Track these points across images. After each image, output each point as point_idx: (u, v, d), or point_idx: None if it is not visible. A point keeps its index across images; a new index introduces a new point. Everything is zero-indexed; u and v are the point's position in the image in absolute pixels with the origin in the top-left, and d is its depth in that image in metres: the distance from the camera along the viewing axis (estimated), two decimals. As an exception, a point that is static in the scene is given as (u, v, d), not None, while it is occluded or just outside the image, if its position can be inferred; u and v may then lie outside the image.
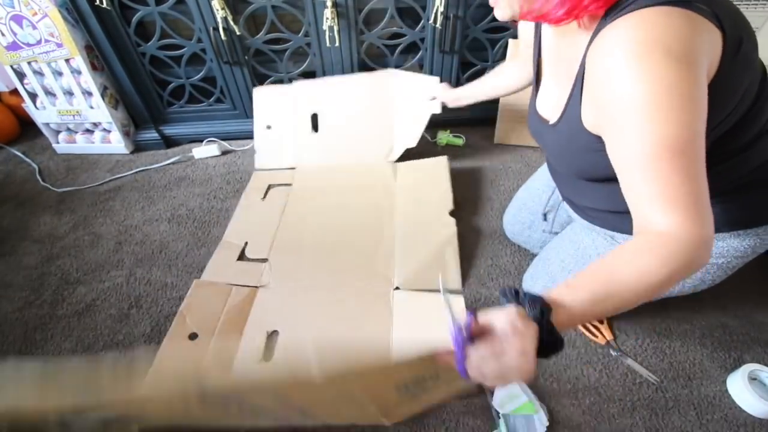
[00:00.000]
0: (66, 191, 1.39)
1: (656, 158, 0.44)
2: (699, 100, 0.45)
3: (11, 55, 1.35)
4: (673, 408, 0.81)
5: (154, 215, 1.28)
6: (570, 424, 0.79)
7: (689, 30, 0.44)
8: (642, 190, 0.46)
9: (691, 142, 0.44)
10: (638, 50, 0.44)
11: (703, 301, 0.99)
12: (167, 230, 1.23)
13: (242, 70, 1.42)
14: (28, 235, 1.23)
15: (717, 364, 0.87)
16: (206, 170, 1.46)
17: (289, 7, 1.28)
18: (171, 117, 1.56)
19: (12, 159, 1.56)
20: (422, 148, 1.52)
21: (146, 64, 1.40)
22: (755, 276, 1.05)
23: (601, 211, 0.74)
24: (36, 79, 1.40)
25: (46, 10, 1.24)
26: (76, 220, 1.27)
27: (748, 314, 0.97)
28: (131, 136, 1.56)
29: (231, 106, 1.53)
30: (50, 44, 1.31)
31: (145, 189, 1.39)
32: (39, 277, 1.10)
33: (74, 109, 1.46)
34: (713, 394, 0.83)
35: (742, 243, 0.67)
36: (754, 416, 0.79)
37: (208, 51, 1.36)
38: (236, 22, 1.28)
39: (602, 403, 0.82)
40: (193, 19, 1.28)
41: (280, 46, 1.37)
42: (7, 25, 1.28)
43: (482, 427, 0.79)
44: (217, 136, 1.56)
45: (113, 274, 1.10)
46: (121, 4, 1.26)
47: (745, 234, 0.66)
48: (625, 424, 0.79)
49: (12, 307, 1.03)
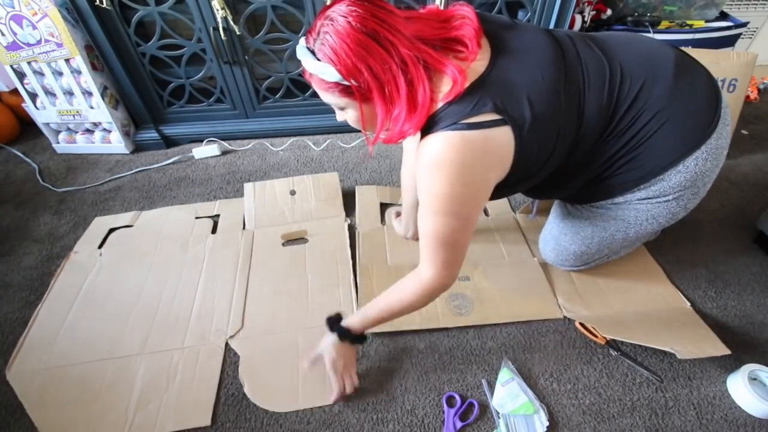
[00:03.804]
0: (66, 191, 1.39)
1: (427, 237, 0.69)
2: (467, 203, 0.66)
3: (11, 55, 1.35)
4: (673, 408, 0.81)
5: (154, 215, 1.28)
6: (570, 424, 0.79)
7: (464, 149, 0.61)
8: (422, 248, 0.71)
9: (450, 233, 0.67)
10: (427, 166, 0.63)
11: (702, 301, 0.99)
12: (167, 230, 1.22)
13: (242, 70, 1.42)
14: (28, 235, 1.23)
15: (717, 364, 0.87)
16: (206, 170, 1.46)
17: (289, 7, 1.28)
18: (171, 117, 1.56)
19: (12, 159, 1.56)
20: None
21: (146, 64, 1.40)
22: (755, 276, 1.05)
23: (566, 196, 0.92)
24: (36, 79, 1.40)
25: (46, 10, 1.24)
26: (76, 220, 1.27)
27: (748, 314, 0.97)
28: (131, 136, 1.56)
29: (231, 106, 1.54)
30: (50, 44, 1.31)
31: (145, 189, 1.39)
32: (39, 277, 1.10)
33: (74, 109, 1.46)
34: (713, 394, 0.83)
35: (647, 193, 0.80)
36: (754, 416, 0.79)
37: (208, 51, 1.36)
38: (236, 22, 1.28)
39: (602, 403, 0.82)
40: (193, 19, 1.28)
41: (280, 46, 1.37)
42: (7, 25, 1.28)
43: (482, 427, 0.79)
44: (217, 136, 1.56)
45: (113, 274, 1.10)
46: (121, 4, 1.26)
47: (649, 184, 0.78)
48: (625, 424, 0.79)
49: (12, 307, 1.03)
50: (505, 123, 0.61)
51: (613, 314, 0.95)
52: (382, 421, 0.80)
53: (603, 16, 1.54)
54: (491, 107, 0.60)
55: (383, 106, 0.61)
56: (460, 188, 0.64)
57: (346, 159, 1.48)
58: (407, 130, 0.62)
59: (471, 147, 0.61)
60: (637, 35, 0.79)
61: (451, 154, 0.61)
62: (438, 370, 0.87)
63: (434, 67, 0.60)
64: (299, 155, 1.51)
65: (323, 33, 0.58)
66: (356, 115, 0.66)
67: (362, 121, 0.67)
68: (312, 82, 0.64)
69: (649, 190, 0.78)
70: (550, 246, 1.02)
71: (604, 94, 0.69)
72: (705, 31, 1.46)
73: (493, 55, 0.63)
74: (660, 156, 0.74)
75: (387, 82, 0.59)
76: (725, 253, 1.11)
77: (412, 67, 0.58)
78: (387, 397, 0.84)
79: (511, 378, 0.83)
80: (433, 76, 0.61)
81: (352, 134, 1.59)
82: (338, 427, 0.79)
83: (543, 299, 0.99)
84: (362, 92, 0.61)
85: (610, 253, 0.97)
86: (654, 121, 0.71)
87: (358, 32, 0.56)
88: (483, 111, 0.60)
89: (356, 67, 0.57)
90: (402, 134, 0.63)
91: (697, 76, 0.74)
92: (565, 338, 0.92)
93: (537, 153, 0.68)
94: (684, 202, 0.80)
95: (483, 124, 0.60)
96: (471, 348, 0.91)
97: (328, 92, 0.63)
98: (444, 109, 0.62)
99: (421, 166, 0.64)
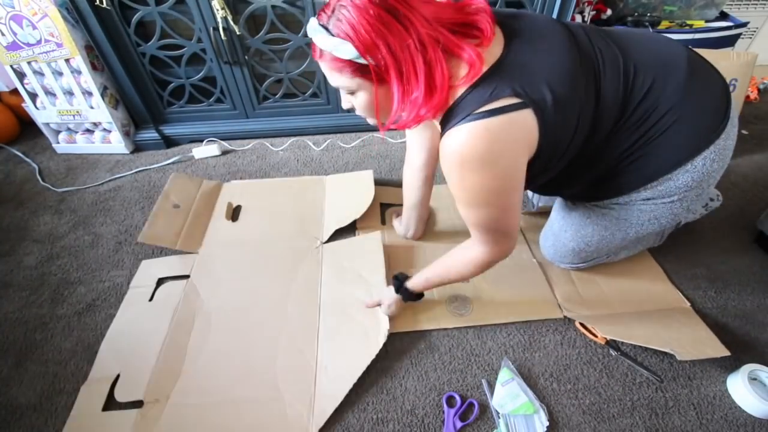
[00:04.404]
0: (66, 191, 1.39)
1: (471, 225, 0.72)
2: (501, 191, 0.65)
3: (11, 55, 1.35)
4: (673, 408, 0.81)
5: (154, 215, 1.28)
6: (570, 424, 0.79)
7: (489, 139, 0.59)
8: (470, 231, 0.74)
9: (494, 221, 0.69)
10: (453, 163, 0.63)
11: (702, 302, 0.99)
12: (167, 230, 1.22)
13: (242, 70, 1.42)
14: (28, 235, 1.23)
15: (717, 364, 0.87)
16: (206, 170, 1.46)
17: (289, 7, 1.28)
18: (171, 117, 1.56)
19: (12, 159, 1.56)
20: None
21: (146, 64, 1.40)
22: (755, 276, 1.05)
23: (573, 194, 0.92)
24: (36, 79, 1.40)
25: (46, 10, 1.24)
26: (76, 220, 1.27)
27: (748, 314, 0.97)
28: (131, 136, 1.56)
29: (231, 106, 1.53)
30: (50, 44, 1.31)
31: (145, 189, 1.39)
32: (39, 277, 1.10)
33: (74, 109, 1.46)
34: (713, 394, 0.83)
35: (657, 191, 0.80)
36: (754, 416, 0.79)
37: (208, 51, 1.36)
38: (236, 22, 1.28)
39: (602, 403, 0.82)
40: (193, 19, 1.28)
41: (280, 46, 1.37)
42: (7, 25, 1.28)
43: (482, 427, 0.79)
44: (217, 136, 1.56)
45: (113, 274, 1.10)
46: (121, 4, 1.26)
47: (657, 183, 0.78)
48: (625, 424, 0.79)
49: (12, 307, 1.03)
50: (527, 106, 0.59)
51: (613, 314, 0.95)
52: (382, 421, 0.80)
53: (603, 16, 1.54)
54: (510, 91, 0.59)
55: (400, 87, 0.59)
56: (490, 181, 0.63)
57: (346, 159, 1.48)
58: (424, 114, 0.61)
59: (496, 135, 0.60)
60: (650, 32, 0.80)
61: (477, 147, 0.60)
62: (438, 370, 0.87)
63: (451, 51, 0.59)
64: (299, 155, 1.51)
65: (339, 8, 0.55)
66: (367, 98, 0.63)
67: (375, 105, 0.63)
68: (323, 62, 0.61)
69: (656, 189, 0.78)
70: (549, 242, 1.02)
71: (619, 82, 0.68)
72: (705, 31, 1.46)
73: (507, 42, 0.62)
74: (670, 154, 0.74)
75: (405, 61, 0.57)
76: (725, 253, 1.11)
77: (430, 48, 0.57)
78: (387, 397, 0.84)
79: (511, 378, 0.83)
80: (449, 60, 0.59)
81: (352, 134, 1.59)
82: (339, 427, 0.79)
83: (543, 299, 0.99)
84: (378, 72, 0.58)
85: (609, 252, 0.97)
86: (666, 117, 0.70)
87: (378, 7, 0.54)
88: (503, 96, 0.59)
89: (374, 43, 0.55)
90: (418, 119, 0.61)
91: (709, 75, 0.75)
92: (565, 338, 0.92)
93: (560, 137, 0.67)
94: (687, 203, 0.80)
95: (504, 108, 0.59)
96: (471, 348, 0.91)
97: (340, 72, 0.60)
98: (462, 98, 0.60)
99: (447, 164, 0.63)
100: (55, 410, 0.83)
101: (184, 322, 0.96)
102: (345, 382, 0.83)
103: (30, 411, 0.84)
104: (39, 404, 0.85)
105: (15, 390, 0.87)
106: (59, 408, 0.84)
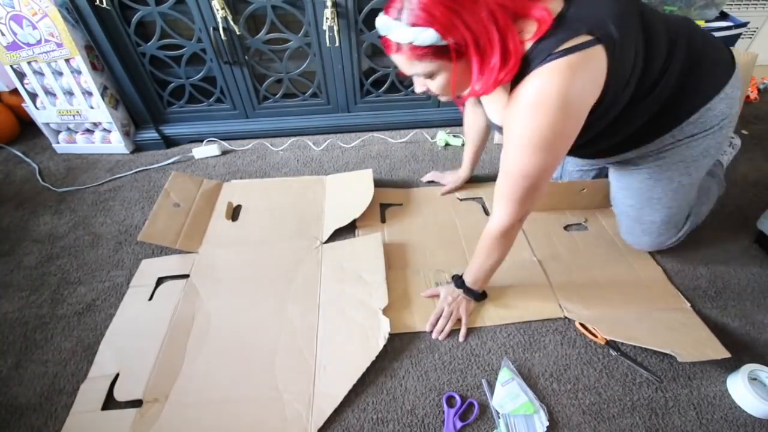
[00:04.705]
0: (66, 191, 1.39)
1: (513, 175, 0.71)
2: (567, 134, 0.67)
3: (11, 55, 1.35)
4: (673, 408, 0.81)
5: (154, 215, 1.28)
6: (570, 424, 0.79)
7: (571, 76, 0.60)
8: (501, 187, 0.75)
9: (541, 170, 0.69)
10: (529, 105, 0.63)
11: (702, 302, 0.99)
12: (167, 230, 1.22)
13: (242, 70, 1.42)
14: (28, 235, 1.23)
15: (717, 365, 0.86)
16: (206, 170, 1.46)
17: (289, 7, 1.28)
18: (171, 117, 1.56)
19: (12, 159, 1.56)
20: (422, 147, 1.53)
21: (146, 64, 1.40)
22: (755, 276, 1.05)
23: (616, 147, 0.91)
24: (36, 79, 1.40)
25: (46, 10, 1.24)
26: (76, 220, 1.27)
27: (748, 314, 0.97)
28: (131, 136, 1.56)
29: (231, 106, 1.54)
30: (50, 44, 1.31)
31: (145, 189, 1.39)
32: (39, 277, 1.10)
33: (74, 109, 1.46)
34: (713, 394, 0.83)
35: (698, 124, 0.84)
36: (754, 416, 0.79)
37: (208, 51, 1.36)
38: (236, 22, 1.28)
39: (602, 403, 0.82)
40: (193, 19, 1.28)
41: (280, 46, 1.37)
42: (7, 25, 1.28)
43: (482, 427, 0.79)
44: (217, 136, 1.56)
45: (113, 274, 1.10)
46: (121, 4, 1.26)
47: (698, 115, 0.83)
48: (625, 424, 0.79)
49: (12, 307, 1.03)
50: (600, 42, 0.60)
51: (613, 314, 0.95)
52: (382, 421, 0.80)
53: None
54: (585, 29, 0.60)
55: (479, 59, 0.61)
56: (562, 120, 0.64)
57: (346, 159, 1.48)
58: (502, 78, 0.63)
59: (578, 72, 0.61)
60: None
61: (559, 85, 0.61)
62: (438, 370, 0.87)
63: (518, 12, 0.61)
64: (299, 155, 1.51)
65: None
66: (447, 77, 0.66)
67: (453, 83, 0.66)
68: (400, 55, 0.63)
69: (697, 123, 0.83)
70: (637, 231, 1.03)
71: (663, 28, 0.73)
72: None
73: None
74: (707, 84, 0.80)
75: (480, 34, 0.59)
76: (725, 253, 1.11)
77: (500, 16, 0.59)
78: (387, 397, 0.84)
79: (511, 378, 0.83)
80: (516, 21, 0.61)
81: (352, 134, 1.59)
82: (338, 427, 0.79)
83: (543, 299, 0.99)
84: (458, 49, 0.60)
85: (690, 208, 1.00)
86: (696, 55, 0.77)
87: None
88: (578, 34, 0.60)
89: (452, 23, 0.57)
90: (497, 83, 0.63)
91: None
92: (565, 338, 0.92)
93: (621, 77, 0.68)
94: (725, 131, 0.86)
95: (580, 45, 0.60)
96: (471, 348, 0.91)
97: (420, 60, 0.63)
98: (534, 48, 0.62)
99: (520, 108, 0.64)
100: (55, 410, 0.83)
101: (183, 322, 0.96)
102: (344, 382, 0.83)
103: (30, 411, 0.84)
104: (39, 404, 0.84)
105: (15, 390, 0.87)
106: (59, 408, 0.84)
